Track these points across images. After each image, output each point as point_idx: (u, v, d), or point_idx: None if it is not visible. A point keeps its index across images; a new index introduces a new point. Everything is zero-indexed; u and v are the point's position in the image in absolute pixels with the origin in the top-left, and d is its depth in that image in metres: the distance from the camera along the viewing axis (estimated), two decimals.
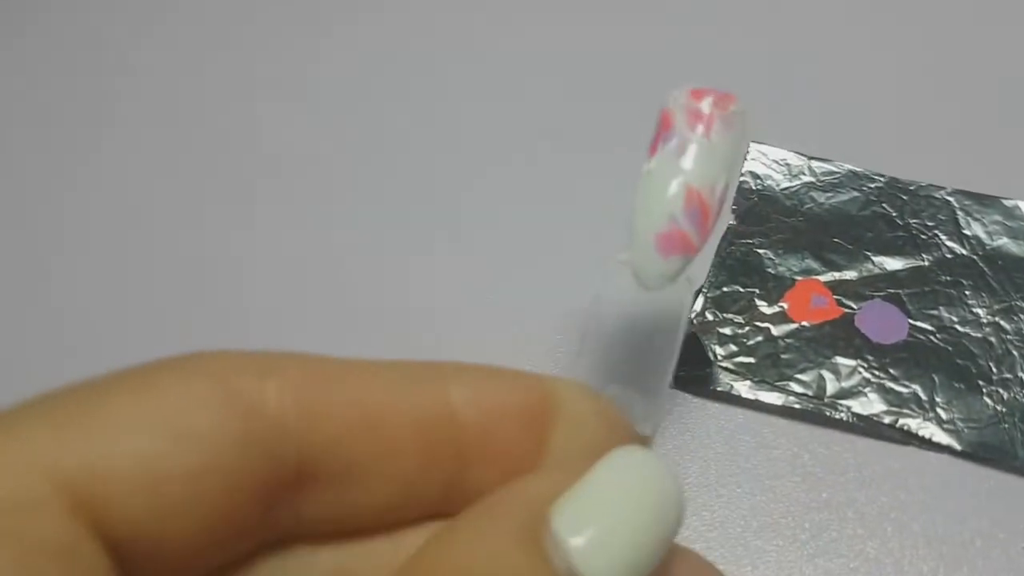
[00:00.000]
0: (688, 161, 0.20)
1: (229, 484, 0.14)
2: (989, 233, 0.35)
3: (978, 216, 0.36)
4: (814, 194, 0.36)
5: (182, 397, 0.14)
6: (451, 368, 0.17)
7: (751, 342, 0.33)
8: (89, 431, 0.13)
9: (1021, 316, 0.33)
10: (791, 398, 0.31)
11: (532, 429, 0.17)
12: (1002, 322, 0.33)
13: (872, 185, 0.37)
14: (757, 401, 0.31)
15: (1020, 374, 0.32)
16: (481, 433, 0.16)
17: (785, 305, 0.33)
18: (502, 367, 0.17)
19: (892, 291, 0.34)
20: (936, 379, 0.32)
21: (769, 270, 0.34)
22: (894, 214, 0.36)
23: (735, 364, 0.32)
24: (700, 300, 0.34)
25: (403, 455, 0.16)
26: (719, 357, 0.32)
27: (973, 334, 0.33)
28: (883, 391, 0.32)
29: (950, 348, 0.33)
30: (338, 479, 0.16)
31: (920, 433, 0.31)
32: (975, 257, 0.35)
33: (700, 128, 0.21)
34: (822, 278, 0.34)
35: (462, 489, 0.17)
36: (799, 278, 0.34)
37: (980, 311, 0.33)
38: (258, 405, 0.15)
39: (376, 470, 0.16)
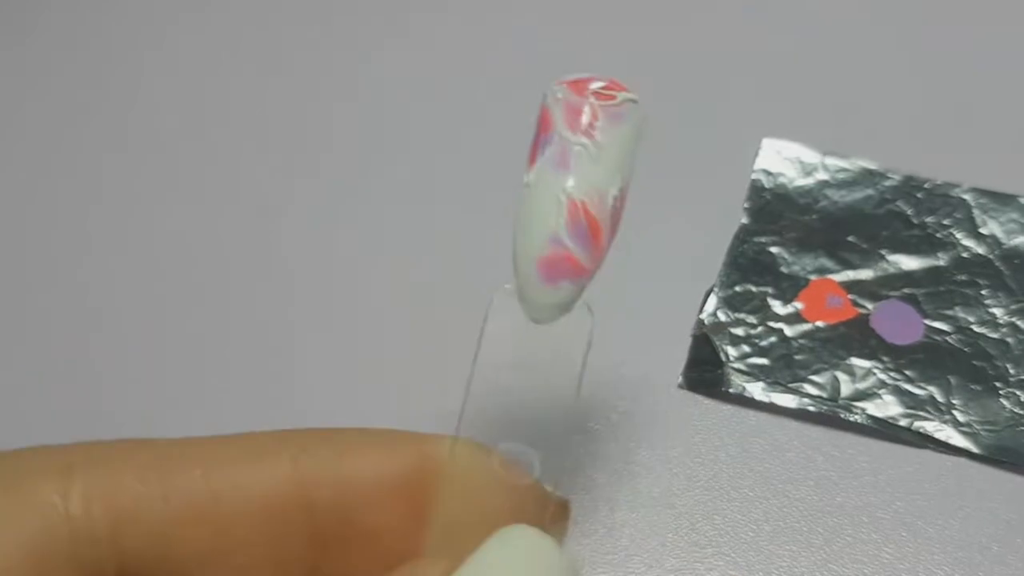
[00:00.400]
0: (570, 170, 0.18)
1: None
2: (1006, 232, 0.35)
3: (995, 214, 0.35)
4: (828, 192, 0.36)
5: None
6: (305, 439, 0.15)
7: (764, 343, 0.32)
8: None
9: None
10: (805, 400, 0.31)
11: (408, 504, 0.15)
12: (1019, 323, 0.33)
13: (887, 183, 0.36)
14: (770, 403, 0.31)
15: None
16: (341, 514, 0.14)
17: (800, 305, 0.33)
18: (376, 429, 0.15)
19: (908, 291, 0.33)
20: (952, 381, 0.31)
21: (782, 269, 0.34)
22: (909, 212, 0.35)
23: (748, 365, 0.32)
24: (712, 300, 0.33)
25: (248, 545, 0.14)
26: (731, 358, 0.32)
27: (990, 335, 0.32)
28: (899, 393, 0.31)
29: (967, 349, 0.32)
30: None
31: (937, 436, 0.30)
32: (992, 256, 0.34)
33: (582, 127, 0.18)
34: (837, 277, 0.34)
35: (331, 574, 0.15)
36: (813, 277, 0.34)
37: (997, 311, 0.33)
38: (54, 517, 0.13)
39: (221, 564, 0.14)
